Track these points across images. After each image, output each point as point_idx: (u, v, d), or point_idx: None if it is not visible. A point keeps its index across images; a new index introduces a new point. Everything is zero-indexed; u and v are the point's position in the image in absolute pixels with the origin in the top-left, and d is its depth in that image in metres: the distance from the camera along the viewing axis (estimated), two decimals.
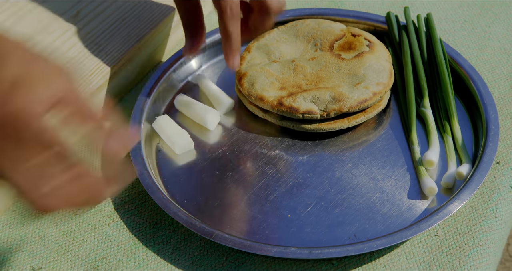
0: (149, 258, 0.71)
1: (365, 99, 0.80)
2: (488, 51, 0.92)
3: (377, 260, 0.70)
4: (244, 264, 0.70)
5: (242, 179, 0.78)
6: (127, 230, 0.74)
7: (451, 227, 0.72)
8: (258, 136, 0.82)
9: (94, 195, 0.50)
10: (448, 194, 0.74)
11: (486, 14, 0.98)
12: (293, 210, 0.74)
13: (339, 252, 0.67)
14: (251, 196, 0.76)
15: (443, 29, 0.96)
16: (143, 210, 0.76)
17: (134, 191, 0.77)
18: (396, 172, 0.77)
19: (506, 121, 0.82)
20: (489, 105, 0.80)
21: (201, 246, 0.72)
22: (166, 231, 0.73)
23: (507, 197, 0.75)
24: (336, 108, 0.79)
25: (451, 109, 0.80)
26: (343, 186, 0.76)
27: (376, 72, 0.83)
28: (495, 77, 0.88)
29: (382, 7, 0.99)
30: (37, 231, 0.74)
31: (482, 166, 0.73)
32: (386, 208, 0.74)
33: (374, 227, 0.72)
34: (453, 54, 0.87)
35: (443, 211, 0.70)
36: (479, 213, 0.73)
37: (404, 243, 0.71)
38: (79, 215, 0.75)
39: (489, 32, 0.95)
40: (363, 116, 0.82)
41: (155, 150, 0.81)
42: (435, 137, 0.78)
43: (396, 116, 0.84)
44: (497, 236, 0.71)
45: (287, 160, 0.80)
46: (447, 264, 0.68)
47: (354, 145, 0.81)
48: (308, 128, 0.81)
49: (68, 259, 0.71)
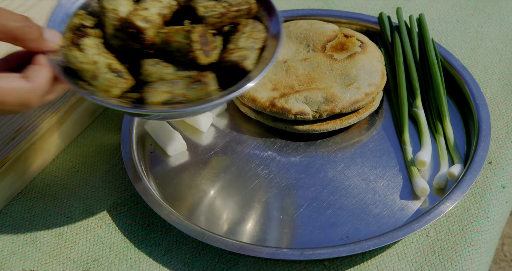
0: (141, 260, 0.71)
1: (357, 100, 0.80)
2: (481, 51, 0.92)
3: (369, 260, 0.70)
4: (236, 266, 0.70)
5: (235, 180, 0.78)
6: (119, 232, 0.74)
7: (443, 228, 0.72)
8: (250, 137, 0.82)
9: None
10: (440, 194, 0.74)
11: (478, 14, 0.98)
12: (285, 211, 0.74)
13: (330, 253, 0.67)
14: (243, 197, 0.76)
15: (435, 30, 0.96)
16: (136, 212, 0.75)
17: (127, 193, 0.77)
18: (388, 173, 0.77)
19: (498, 121, 0.82)
20: (481, 106, 0.80)
21: (193, 248, 0.72)
22: (158, 233, 0.73)
23: (499, 197, 0.75)
24: (329, 109, 0.80)
25: (443, 110, 0.80)
26: (335, 187, 0.76)
27: (368, 73, 0.83)
28: (487, 78, 0.88)
29: (374, 8, 0.99)
30: (29, 233, 0.74)
31: (474, 166, 0.73)
32: (378, 208, 0.74)
33: (366, 228, 0.72)
34: (445, 54, 0.87)
35: (435, 212, 0.70)
36: (471, 213, 0.73)
37: (396, 243, 0.71)
38: (71, 217, 0.75)
39: (482, 32, 0.95)
40: (356, 117, 0.82)
41: (147, 151, 0.81)
42: (427, 137, 0.78)
43: (388, 117, 0.84)
44: (489, 236, 0.71)
45: (279, 161, 0.80)
46: (439, 265, 0.68)
47: (346, 146, 0.81)
48: (300, 129, 0.81)
49: (60, 261, 0.71)
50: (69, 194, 0.78)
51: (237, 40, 0.68)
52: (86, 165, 0.81)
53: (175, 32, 0.66)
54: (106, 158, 0.81)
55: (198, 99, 0.64)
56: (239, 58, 0.66)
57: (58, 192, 0.78)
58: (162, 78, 0.65)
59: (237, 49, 0.67)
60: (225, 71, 0.67)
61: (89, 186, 0.79)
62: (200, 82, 0.64)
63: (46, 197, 0.78)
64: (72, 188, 0.79)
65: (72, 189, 0.78)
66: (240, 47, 0.67)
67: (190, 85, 0.64)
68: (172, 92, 0.64)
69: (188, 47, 0.65)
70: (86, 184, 0.79)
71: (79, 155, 0.82)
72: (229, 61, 0.67)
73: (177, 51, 0.66)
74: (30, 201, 0.77)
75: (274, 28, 0.70)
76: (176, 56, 0.66)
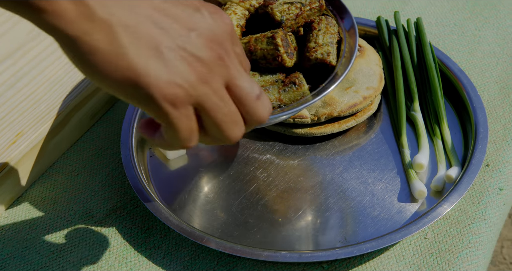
0: (141, 263, 0.71)
1: (355, 103, 0.81)
2: (478, 54, 0.93)
3: (367, 263, 0.70)
4: (235, 268, 0.70)
5: (234, 184, 0.78)
6: (119, 235, 0.74)
7: (441, 230, 0.72)
8: (249, 141, 0.83)
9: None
10: (437, 196, 0.74)
11: (476, 18, 0.99)
12: (284, 214, 0.74)
13: (329, 255, 0.68)
14: (242, 201, 0.76)
15: (433, 33, 0.96)
16: (135, 216, 0.76)
17: (126, 196, 0.78)
18: (386, 175, 0.78)
19: (495, 124, 0.83)
20: (478, 109, 0.81)
21: (193, 251, 0.72)
22: (157, 236, 0.74)
23: (496, 199, 0.75)
24: (327, 112, 0.80)
25: (440, 113, 0.81)
26: (333, 190, 0.77)
27: (366, 76, 0.83)
28: (484, 81, 0.89)
29: (372, 12, 1.00)
30: (29, 237, 0.74)
31: (471, 169, 0.74)
32: (376, 211, 0.74)
33: (365, 230, 0.72)
34: (442, 58, 0.87)
35: (433, 214, 0.70)
36: (468, 215, 0.73)
37: (394, 245, 0.71)
38: (71, 221, 0.76)
39: (479, 36, 0.96)
40: (354, 120, 0.82)
41: (147, 155, 0.82)
42: (425, 140, 0.79)
43: (386, 120, 0.84)
44: (486, 238, 0.72)
45: (278, 164, 0.80)
46: (437, 267, 0.69)
47: (344, 149, 0.82)
48: (299, 132, 0.81)
49: (60, 265, 0.71)
50: (69, 198, 0.78)
51: (316, 38, 0.71)
52: (86, 169, 0.81)
53: (256, 41, 0.68)
54: (106, 162, 0.82)
55: (292, 101, 0.68)
56: (323, 55, 0.70)
57: (58, 196, 0.79)
58: None
59: (319, 47, 0.70)
60: (308, 70, 0.71)
61: (89, 189, 0.79)
62: (293, 83, 0.67)
63: (46, 201, 0.78)
64: (72, 191, 0.79)
65: (72, 193, 0.79)
66: (321, 44, 0.70)
67: (283, 89, 0.66)
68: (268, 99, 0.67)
69: (274, 52, 0.68)
70: (86, 187, 0.79)
71: (79, 159, 0.83)
72: (314, 60, 0.70)
73: (262, 58, 0.69)
74: (30, 204, 0.78)
75: (347, 20, 0.73)
76: (261, 64, 0.70)
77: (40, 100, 0.77)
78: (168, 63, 0.44)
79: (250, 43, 0.69)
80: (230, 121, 0.49)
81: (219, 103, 0.47)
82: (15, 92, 0.73)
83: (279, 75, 0.70)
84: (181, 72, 0.44)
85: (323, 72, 0.71)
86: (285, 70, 0.71)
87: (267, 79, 0.69)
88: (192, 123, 0.47)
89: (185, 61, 0.45)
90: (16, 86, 0.72)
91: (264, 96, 0.50)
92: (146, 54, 0.43)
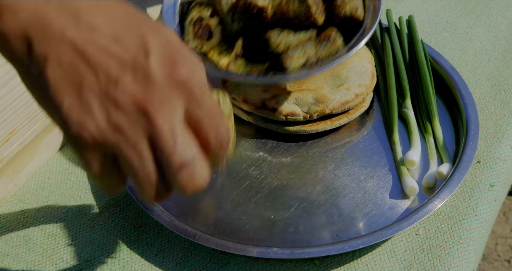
0: (134, 260, 0.72)
1: (347, 100, 0.81)
2: (470, 52, 0.93)
3: (359, 259, 0.70)
4: (228, 265, 0.71)
5: (226, 181, 0.78)
6: (112, 232, 0.74)
7: (432, 226, 0.73)
8: (242, 138, 0.83)
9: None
10: (429, 193, 0.75)
11: (468, 15, 0.99)
12: (276, 211, 0.75)
13: (320, 251, 0.68)
14: (234, 198, 0.76)
15: (425, 31, 0.97)
16: (128, 213, 0.76)
17: (119, 194, 0.78)
18: (378, 172, 0.78)
19: (486, 121, 0.83)
20: (470, 105, 0.81)
21: (185, 248, 0.72)
22: (150, 233, 0.74)
23: (487, 195, 0.75)
24: (319, 110, 0.80)
25: (432, 110, 0.81)
26: (326, 187, 0.77)
27: (358, 74, 0.83)
28: (476, 78, 0.89)
29: None
30: (22, 235, 0.75)
31: (462, 165, 0.74)
32: (368, 207, 0.74)
33: (356, 227, 0.73)
34: (434, 55, 0.88)
35: (424, 210, 0.70)
36: (459, 211, 0.74)
37: (386, 242, 0.72)
38: (64, 219, 0.76)
39: (471, 33, 0.96)
40: (346, 117, 0.82)
41: None
42: (416, 137, 0.79)
43: (378, 118, 0.85)
44: (478, 234, 0.72)
45: (270, 161, 0.80)
46: (428, 263, 0.69)
47: (337, 146, 0.82)
48: (291, 130, 0.82)
49: (53, 262, 0.72)
50: (62, 196, 0.79)
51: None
52: (79, 167, 0.82)
53: (287, 2, 0.71)
54: None
55: (328, 56, 0.72)
56: (351, 11, 0.74)
57: (52, 194, 0.79)
58: (289, 45, 0.71)
59: (346, 2, 0.74)
60: (336, 25, 0.74)
61: (82, 187, 0.79)
62: (328, 39, 0.70)
63: (40, 199, 0.78)
64: (65, 189, 0.79)
65: (65, 191, 0.79)
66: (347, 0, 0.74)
67: (320, 44, 0.69)
68: (306, 55, 0.70)
69: (306, 12, 0.71)
70: (79, 185, 0.80)
71: (72, 157, 0.83)
72: (343, 15, 0.73)
73: (294, 18, 0.73)
74: (23, 203, 0.78)
75: None
76: (294, 23, 0.72)
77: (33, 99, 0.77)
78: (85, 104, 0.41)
79: (282, 5, 0.72)
80: (147, 182, 0.43)
81: (134, 158, 0.42)
82: (8, 90, 0.73)
83: (312, 31, 0.73)
84: (95, 117, 0.42)
85: (350, 27, 0.74)
86: (318, 27, 0.74)
87: (301, 37, 0.72)
88: (106, 169, 0.43)
89: (103, 106, 0.41)
90: (9, 85, 0.73)
91: (195, 165, 0.43)
92: (68, 90, 0.42)
